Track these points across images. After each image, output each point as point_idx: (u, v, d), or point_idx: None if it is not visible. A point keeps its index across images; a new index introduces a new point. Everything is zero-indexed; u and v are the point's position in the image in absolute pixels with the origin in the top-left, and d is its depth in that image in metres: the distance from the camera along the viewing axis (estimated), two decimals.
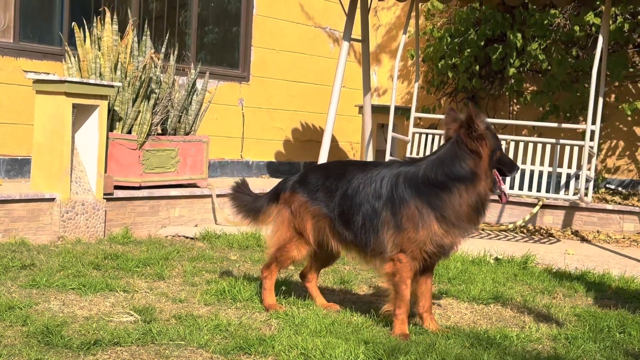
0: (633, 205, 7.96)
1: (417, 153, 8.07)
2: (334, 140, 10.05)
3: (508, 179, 7.50)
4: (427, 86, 10.15)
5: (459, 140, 3.90)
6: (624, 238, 7.46)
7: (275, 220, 4.38)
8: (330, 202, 4.16)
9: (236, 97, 9.37)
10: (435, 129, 9.69)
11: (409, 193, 3.90)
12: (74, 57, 6.73)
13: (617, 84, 9.06)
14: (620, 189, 9.22)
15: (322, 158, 7.56)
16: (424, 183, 3.89)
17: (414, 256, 3.90)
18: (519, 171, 4.04)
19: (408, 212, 3.88)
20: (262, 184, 8.31)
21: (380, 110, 9.17)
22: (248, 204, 4.55)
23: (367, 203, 4.01)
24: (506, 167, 4.00)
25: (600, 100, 7.11)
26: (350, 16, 7.89)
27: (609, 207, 7.71)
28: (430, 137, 8.18)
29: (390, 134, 7.91)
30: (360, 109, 8.91)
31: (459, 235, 3.94)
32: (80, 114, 6.33)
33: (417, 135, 8.18)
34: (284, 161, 9.95)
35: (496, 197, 4.08)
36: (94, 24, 6.80)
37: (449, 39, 9.57)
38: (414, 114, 8.27)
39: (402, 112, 9.38)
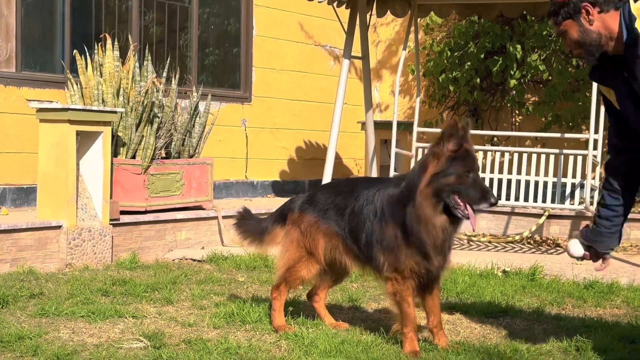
0: (639, 212, 7.94)
1: None
2: (337, 158, 10.06)
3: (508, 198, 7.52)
4: (429, 100, 10.17)
5: (424, 156, 3.94)
6: (631, 246, 7.44)
7: (284, 241, 4.39)
8: (341, 220, 4.19)
9: (239, 118, 9.40)
10: None
11: (389, 213, 3.94)
12: (77, 84, 6.77)
13: None
14: None
15: (327, 176, 7.57)
16: (398, 202, 3.91)
17: (406, 276, 3.90)
18: (492, 203, 3.77)
19: (389, 232, 3.93)
20: (268, 204, 8.32)
21: (382, 126, 9.19)
22: (253, 228, 4.57)
23: (368, 220, 4.05)
24: (469, 194, 3.77)
25: (602, 108, 7.11)
26: (349, 33, 7.93)
27: None
28: None
29: (393, 149, 7.93)
30: (363, 125, 8.93)
31: (431, 256, 3.85)
32: (84, 140, 6.36)
33: (420, 150, 8.19)
34: (289, 180, 9.96)
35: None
36: (95, 51, 6.84)
37: (449, 53, 9.59)
38: (416, 128, 8.29)
39: (405, 127, 9.40)
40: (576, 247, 3.84)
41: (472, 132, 8.78)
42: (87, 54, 6.85)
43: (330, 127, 7.78)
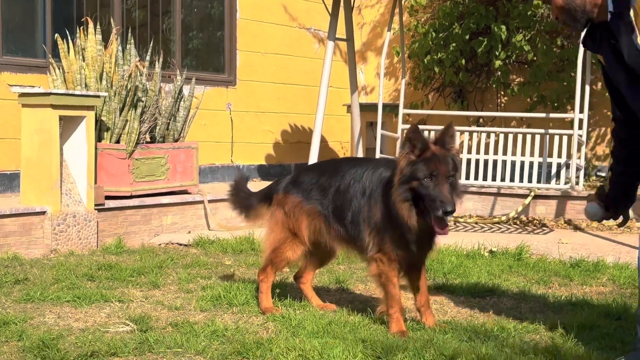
0: None
1: None
2: (323, 141, 10.03)
3: (497, 180, 7.53)
4: (414, 82, 10.15)
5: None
6: (617, 225, 7.46)
7: (269, 223, 4.39)
8: (324, 199, 4.17)
9: (224, 102, 9.35)
10: (424, 124, 9.68)
11: (379, 194, 3.91)
12: (59, 69, 6.71)
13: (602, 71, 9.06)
14: None
15: (313, 159, 7.55)
16: (388, 185, 3.87)
17: (392, 257, 3.90)
18: (446, 211, 3.65)
19: (377, 212, 3.91)
20: (254, 188, 8.28)
21: (368, 109, 9.16)
22: (242, 201, 4.62)
23: (355, 199, 4.03)
24: (425, 199, 3.69)
25: (587, 88, 7.12)
26: (334, 16, 7.88)
27: None
28: None
29: (379, 131, 7.91)
30: (349, 108, 8.91)
31: (411, 233, 3.83)
32: (68, 125, 6.31)
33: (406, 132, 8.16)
34: (274, 164, 9.93)
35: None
36: (77, 35, 6.77)
37: (434, 34, 9.57)
38: (402, 110, 8.27)
39: (390, 109, 9.38)
40: (593, 209, 3.95)
41: (458, 113, 8.82)
42: (69, 38, 6.78)
43: (316, 110, 7.75)
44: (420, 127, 8.12)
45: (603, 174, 9.27)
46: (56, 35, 6.83)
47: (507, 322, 4.08)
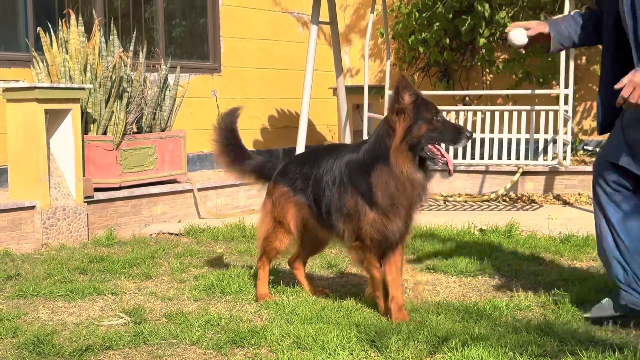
0: None
1: None
2: (311, 124, 10.03)
3: (471, 148, 7.55)
4: (400, 63, 10.14)
5: (385, 118, 3.82)
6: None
7: (260, 212, 4.40)
8: (307, 189, 4.13)
9: (209, 89, 9.32)
10: None
11: (348, 180, 3.85)
12: (42, 62, 6.67)
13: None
14: (597, 149, 9.27)
15: (300, 143, 7.54)
16: (358, 168, 3.82)
17: (367, 244, 3.84)
18: (468, 137, 3.74)
19: (348, 201, 3.84)
20: None
21: (354, 91, 9.15)
22: (233, 154, 4.60)
23: (328, 189, 3.97)
24: (445, 136, 3.73)
25: (572, 63, 7.12)
26: None
27: (588, 168, 7.76)
28: None
29: (366, 114, 7.91)
30: (335, 91, 8.89)
31: (402, 218, 3.79)
32: (53, 119, 6.28)
33: None
34: (262, 149, 9.92)
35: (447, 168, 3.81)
36: (60, 27, 6.73)
37: (417, 14, 9.55)
38: (388, 92, 8.26)
39: (377, 90, 9.37)
40: (518, 35, 3.95)
41: (444, 92, 8.82)
42: (52, 30, 6.74)
43: (302, 95, 7.74)
44: None
45: (590, 148, 9.31)
46: (38, 28, 6.79)
47: (499, 301, 4.11)
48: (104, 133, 6.79)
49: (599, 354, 3.17)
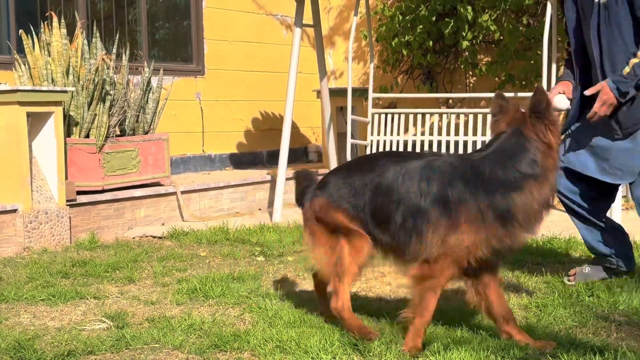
0: None
1: (378, 134, 8.08)
2: (295, 127, 10.04)
3: None
4: (383, 65, 10.16)
5: (526, 131, 3.36)
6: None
7: (308, 237, 3.82)
8: (358, 201, 3.58)
9: (193, 92, 9.31)
10: (395, 107, 9.72)
11: (470, 192, 3.30)
12: (24, 64, 6.64)
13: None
14: None
15: (284, 145, 7.53)
16: (490, 181, 3.31)
17: (459, 261, 3.35)
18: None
19: (468, 213, 3.30)
20: (227, 177, 8.29)
21: (338, 94, 9.17)
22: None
23: (409, 200, 3.42)
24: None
25: (554, 66, 7.16)
26: (299, 1, 7.85)
27: None
28: (390, 116, 8.20)
29: (349, 116, 7.92)
30: (318, 93, 8.90)
31: (523, 236, 3.40)
32: (36, 122, 6.25)
33: (376, 116, 8.21)
34: (247, 152, 9.92)
35: None
36: (42, 30, 6.70)
37: (401, 17, 9.58)
38: (371, 94, 8.28)
39: (360, 93, 9.39)
40: (561, 101, 4.41)
41: (427, 95, 8.85)
42: (34, 33, 6.71)
43: (286, 97, 7.73)
44: (390, 110, 8.18)
45: None
46: (20, 30, 6.75)
47: None
48: (87, 136, 6.76)
49: (580, 356, 3.19)
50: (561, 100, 4.39)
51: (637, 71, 4.06)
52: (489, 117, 7.50)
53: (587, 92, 4.23)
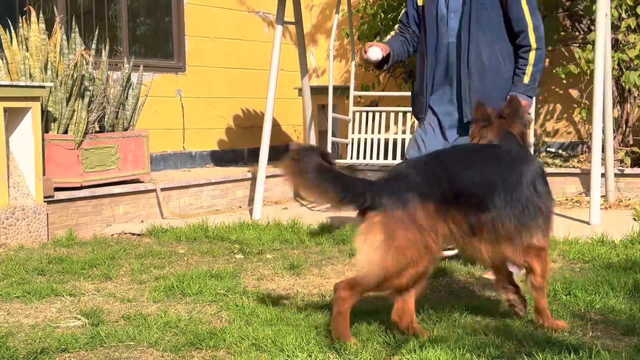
0: (573, 167, 8.09)
1: (359, 132, 8.08)
2: (276, 124, 10.01)
3: None
4: (365, 64, 10.14)
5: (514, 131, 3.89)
6: (566, 200, 7.58)
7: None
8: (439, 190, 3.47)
9: (173, 88, 9.26)
10: (376, 106, 9.71)
11: (545, 184, 3.73)
12: (2, 59, 6.57)
13: (550, 48, 9.15)
14: (560, 151, 9.36)
15: (265, 143, 7.50)
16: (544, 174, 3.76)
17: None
18: None
19: (545, 196, 3.69)
20: (208, 174, 8.25)
21: (320, 92, 9.15)
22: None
23: (516, 192, 3.56)
24: None
25: None
26: None
27: (551, 170, 7.81)
28: (371, 115, 8.20)
29: (330, 114, 7.91)
30: (300, 91, 8.88)
31: None
32: (13, 117, 6.19)
33: (357, 114, 8.20)
34: (227, 149, 9.88)
35: None
36: (20, 24, 6.65)
37: (383, 15, 9.57)
38: (353, 92, 8.27)
39: (342, 91, 9.38)
40: (375, 52, 4.87)
41: (409, 93, 8.81)
42: (12, 28, 6.65)
43: (267, 94, 7.71)
44: (372, 109, 8.18)
45: (553, 150, 9.39)
46: None
47: (459, 303, 4.12)
48: (65, 132, 6.71)
49: (555, 355, 3.19)
50: (375, 51, 4.85)
51: (537, 76, 4.75)
52: None
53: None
